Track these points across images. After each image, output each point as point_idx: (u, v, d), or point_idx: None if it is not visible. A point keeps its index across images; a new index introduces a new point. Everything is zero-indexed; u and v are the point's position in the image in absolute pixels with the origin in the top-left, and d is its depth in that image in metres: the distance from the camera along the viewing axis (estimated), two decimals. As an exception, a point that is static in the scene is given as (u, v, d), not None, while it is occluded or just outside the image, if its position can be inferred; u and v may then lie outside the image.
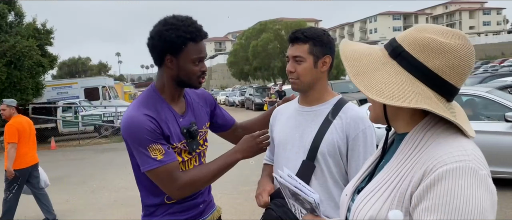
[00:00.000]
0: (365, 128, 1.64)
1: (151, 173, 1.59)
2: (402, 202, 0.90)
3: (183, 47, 1.59)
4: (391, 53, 0.98)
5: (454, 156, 0.86)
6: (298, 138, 1.72)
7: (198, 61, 1.63)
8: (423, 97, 0.91)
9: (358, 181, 1.12)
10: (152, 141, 1.57)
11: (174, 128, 1.68)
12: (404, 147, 0.98)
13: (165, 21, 1.62)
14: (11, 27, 15.79)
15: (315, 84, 1.71)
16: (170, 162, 1.58)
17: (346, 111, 1.68)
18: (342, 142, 1.64)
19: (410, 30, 0.99)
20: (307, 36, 1.66)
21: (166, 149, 1.60)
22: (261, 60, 36.07)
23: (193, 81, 1.67)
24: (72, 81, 22.96)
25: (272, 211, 1.62)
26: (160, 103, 1.68)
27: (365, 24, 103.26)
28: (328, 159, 1.65)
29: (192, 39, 1.59)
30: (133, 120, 1.58)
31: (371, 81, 0.95)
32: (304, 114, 1.75)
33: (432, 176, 0.85)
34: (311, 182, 1.66)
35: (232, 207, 5.59)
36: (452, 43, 0.92)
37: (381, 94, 0.92)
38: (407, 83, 0.93)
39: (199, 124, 1.81)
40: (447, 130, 0.95)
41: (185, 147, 1.72)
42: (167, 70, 1.66)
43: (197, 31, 1.61)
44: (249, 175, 7.33)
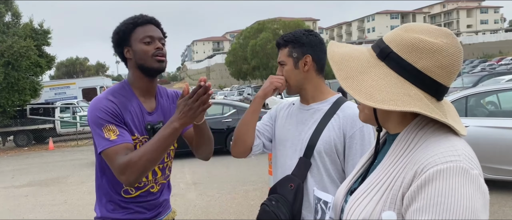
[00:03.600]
0: (362, 126, 1.65)
1: (104, 155, 1.56)
2: (394, 203, 0.90)
3: (131, 33, 1.66)
4: (379, 54, 0.98)
5: (444, 156, 0.86)
6: (297, 136, 1.74)
7: (149, 41, 1.66)
8: (413, 99, 0.91)
9: (351, 182, 1.11)
10: (108, 121, 1.58)
11: (138, 121, 1.69)
12: (395, 147, 0.98)
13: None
14: (8, 28, 15.74)
15: (303, 84, 1.75)
16: (121, 143, 1.55)
17: (344, 109, 1.70)
18: (338, 140, 1.65)
19: (398, 30, 0.98)
20: (286, 40, 1.75)
21: (121, 131, 1.59)
22: (260, 59, 36.11)
23: (150, 62, 1.65)
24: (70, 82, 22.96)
25: (266, 207, 1.65)
26: (130, 96, 1.70)
27: (363, 23, 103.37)
28: (325, 156, 1.66)
29: (137, 24, 1.67)
30: (95, 102, 1.63)
31: (360, 84, 0.94)
32: (303, 112, 1.78)
33: (423, 176, 0.85)
34: (307, 179, 1.68)
35: (230, 206, 5.59)
36: (440, 42, 0.92)
37: (371, 98, 0.91)
38: (396, 86, 0.92)
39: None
40: (438, 129, 0.95)
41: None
42: (129, 62, 1.71)
43: (141, 16, 1.70)
44: (247, 174, 7.34)
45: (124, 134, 1.59)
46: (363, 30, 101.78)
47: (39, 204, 6.60)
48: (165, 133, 1.50)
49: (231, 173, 7.66)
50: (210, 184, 6.88)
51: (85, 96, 20.67)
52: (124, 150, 1.54)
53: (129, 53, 1.69)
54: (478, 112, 5.79)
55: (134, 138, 1.66)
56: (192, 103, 1.45)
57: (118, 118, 1.61)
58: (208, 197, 6.03)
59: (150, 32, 1.67)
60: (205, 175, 7.57)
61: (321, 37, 1.81)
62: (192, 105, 1.45)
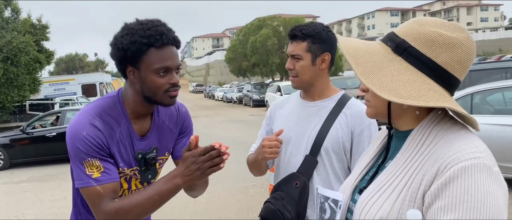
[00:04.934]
0: (370, 123, 1.64)
1: (83, 191, 1.34)
2: (414, 201, 0.87)
3: (142, 55, 1.30)
4: (395, 49, 0.95)
5: (467, 152, 0.84)
6: (301, 133, 1.70)
7: (164, 72, 1.32)
8: (439, 95, 0.89)
9: (356, 180, 1.08)
10: (90, 155, 1.32)
11: (126, 151, 1.42)
12: (410, 144, 0.95)
13: (124, 26, 1.35)
14: (7, 23, 15.71)
15: (314, 81, 1.69)
16: (106, 183, 1.32)
17: (350, 106, 1.68)
18: (346, 137, 1.63)
19: (411, 24, 0.96)
20: (305, 34, 1.64)
21: (106, 166, 1.34)
22: (260, 56, 36.04)
23: (160, 97, 1.36)
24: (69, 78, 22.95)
25: (270, 204, 1.62)
26: (120, 118, 1.40)
27: (363, 21, 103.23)
28: (332, 155, 1.64)
29: (151, 45, 1.29)
30: (76, 127, 1.33)
31: (381, 80, 0.91)
32: (308, 109, 1.73)
33: (447, 174, 0.83)
34: (313, 177, 1.65)
35: (230, 203, 5.59)
36: (458, 36, 0.91)
37: (397, 94, 0.88)
38: (418, 81, 0.90)
39: (161, 150, 1.54)
40: (453, 125, 0.93)
41: (136, 175, 1.48)
42: (130, 83, 1.39)
43: (158, 34, 1.29)
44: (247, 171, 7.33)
45: (110, 171, 1.34)
46: (363, 27, 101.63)
47: (39, 200, 6.60)
48: (165, 188, 1.29)
49: (231, 170, 7.66)
50: (210, 181, 6.85)
51: (85, 93, 20.63)
52: (110, 193, 1.32)
53: (134, 76, 1.35)
54: (483, 110, 5.75)
55: (120, 171, 1.41)
56: (202, 163, 1.26)
57: (103, 150, 1.34)
58: (208, 194, 6.03)
59: (168, 61, 1.32)
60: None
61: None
62: (201, 165, 1.26)
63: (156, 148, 1.50)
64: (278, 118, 1.83)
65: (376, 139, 1.17)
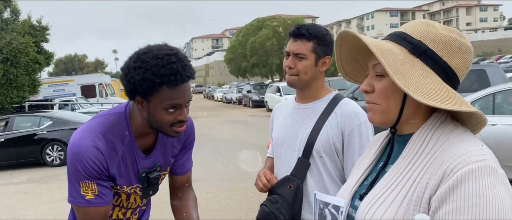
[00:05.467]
0: (360, 123, 1.63)
1: (74, 207, 1.40)
2: (419, 206, 0.85)
3: (154, 92, 1.26)
4: (413, 50, 0.92)
5: (473, 155, 0.83)
6: (294, 136, 1.71)
7: (173, 108, 1.29)
8: (461, 99, 0.90)
9: (355, 186, 1.05)
10: (88, 178, 1.33)
11: (127, 170, 1.42)
12: (411, 147, 0.94)
13: (137, 56, 1.28)
14: (7, 24, 15.69)
15: (312, 82, 1.69)
16: (97, 206, 1.35)
17: (341, 106, 1.67)
18: (337, 138, 1.63)
19: (423, 25, 0.95)
20: (312, 34, 1.63)
21: (101, 190, 1.35)
22: (259, 57, 36.07)
23: (165, 131, 1.34)
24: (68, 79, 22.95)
25: (265, 207, 1.63)
26: (125, 136, 1.39)
27: (362, 21, 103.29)
28: (324, 155, 1.64)
29: (164, 84, 1.23)
30: (78, 147, 1.33)
31: (410, 81, 0.89)
32: (300, 111, 1.74)
33: (454, 177, 0.81)
34: (307, 179, 1.65)
35: (229, 204, 5.59)
36: (467, 43, 0.93)
37: (429, 98, 0.87)
38: (439, 84, 0.90)
39: (165, 166, 1.55)
40: (455, 128, 0.93)
41: (136, 192, 1.50)
42: (138, 109, 1.36)
43: (173, 74, 1.22)
44: (246, 172, 7.33)
45: (104, 195, 1.36)
46: (362, 27, 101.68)
47: (38, 201, 6.60)
48: None
49: (230, 171, 7.66)
50: (208, 182, 6.88)
51: (84, 93, 20.64)
52: (99, 217, 1.36)
53: (142, 106, 1.32)
54: (505, 110, 5.62)
55: (118, 189, 1.44)
56: None
57: (102, 173, 1.35)
58: (207, 194, 6.03)
59: (180, 99, 1.28)
60: (203, 172, 7.56)
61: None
62: None
63: (160, 165, 1.49)
64: (277, 122, 1.85)
65: (373, 143, 1.15)
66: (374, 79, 0.96)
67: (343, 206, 0.98)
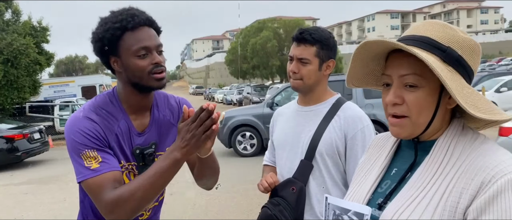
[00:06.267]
0: (363, 127, 1.63)
1: (85, 186, 1.31)
2: (454, 216, 0.82)
3: (119, 41, 1.29)
4: (446, 58, 0.88)
5: (508, 164, 0.82)
6: (296, 138, 1.71)
7: (145, 53, 1.30)
8: (495, 106, 0.89)
9: (369, 194, 1.00)
10: (87, 146, 1.30)
11: (125, 145, 1.40)
12: (436, 155, 0.91)
13: (99, 19, 1.35)
14: (7, 25, 15.73)
15: (316, 86, 1.69)
16: (105, 172, 1.28)
17: (344, 110, 1.67)
18: (340, 141, 1.63)
19: (446, 29, 0.91)
20: (315, 38, 1.62)
21: (105, 156, 1.31)
22: (260, 58, 36.10)
23: (146, 80, 1.32)
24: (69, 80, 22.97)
25: (267, 210, 1.62)
26: (117, 114, 1.39)
27: (363, 23, 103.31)
28: (326, 158, 1.64)
29: (125, 28, 1.28)
30: (71, 123, 1.33)
31: (466, 100, 0.86)
32: (303, 114, 1.74)
33: (493, 187, 0.79)
34: (309, 182, 1.65)
35: (229, 205, 5.59)
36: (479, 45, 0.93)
37: (479, 110, 0.85)
38: (475, 93, 0.88)
39: (161, 145, 1.49)
40: (475, 134, 0.92)
41: (133, 170, 1.45)
42: (118, 75, 1.38)
43: (130, 16, 1.29)
44: (246, 172, 7.33)
45: (108, 160, 1.31)
46: (363, 29, 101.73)
47: (39, 202, 6.59)
48: (164, 164, 1.23)
49: (231, 172, 7.66)
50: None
51: (85, 94, 20.65)
52: (111, 182, 1.27)
53: (118, 65, 1.34)
54: None
55: (121, 165, 1.40)
56: (195, 129, 1.20)
57: (101, 141, 1.32)
58: (208, 196, 6.03)
59: (145, 42, 1.30)
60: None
61: None
62: (195, 131, 1.20)
63: (155, 143, 1.47)
64: (278, 125, 1.85)
65: (376, 147, 1.11)
66: (402, 91, 0.91)
67: (368, 214, 0.91)
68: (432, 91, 0.89)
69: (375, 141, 1.14)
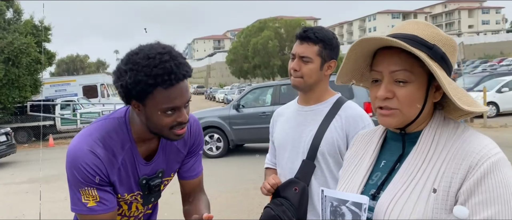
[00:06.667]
0: (364, 126, 1.63)
1: (77, 216, 1.33)
2: (446, 200, 0.89)
3: (148, 94, 1.19)
4: (433, 54, 0.95)
5: (491, 148, 0.90)
6: (297, 138, 1.70)
7: (171, 111, 1.23)
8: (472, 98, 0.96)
9: (361, 185, 1.05)
10: (87, 184, 1.28)
11: (127, 177, 1.36)
12: (423, 144, 0.97)
13: (128, 57, 1.21)
14: (9, 24, 15.74)
15: (316, 86, 1.69)
16: (100, 213, 1.29)
17: (345, 109, 1.67)
18: (342, 141, 1.63)
19: (430, 28, 0.98)
20: (318, 38, 1.62)
21: (103, 196, 1.30)
22: (261, 58, 36.14)
23: (165, 133, 1.28)
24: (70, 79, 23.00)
25: (270, 210, 1.62)
26: (125, 142, 1.33)
27: (364, 23, 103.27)
28: (328, 158, 1.63)
29: (158, 85, 1.17)
30: (75, 153, 1.27)
31: (454, 93, 0.93)
32: (303, 114, 1.73)
33: (480, 169, 0.87)
34: (312, 182, 1.65)
35: (230, 205, 5.59)
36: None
37: (464, 103, 0.92)
38: (458, 87, 0.95)
39: (168, 171, 1.49)
40: (455, 123, 0.99)
41: (137, 200, 1.44)
42: (136, 113, 1.30)
43: (167, 73, 1.15)
44: (247, 173, 7.33)
45: (106, 201, 1.31)
46: (364, 29, 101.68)
47: (40, 201, 6.60)
48: None
49: (232, 171, 7.66)
50: (210, 182, 6.87)
51: (86, 94, 20.66)
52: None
53: (138, 110, 1.26)
54: None
55: (119, 197, 1.38)
56: None
57: (102, 179, 1.30)
58: (208, 195, 5.98)
59: (177, 101, 1.21)
60: (205, 173, 7.49)
61: None
62: None
63: (163, 171, 1.43)
64: (278, 125, 1.84)
65: (362, 141, 1.16)
66: (393, 86, 0.96)
67: (366, 203, 0.94)
68: (420, 86, 0.95)
69: (359, 137, 1.20)
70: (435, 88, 0.97)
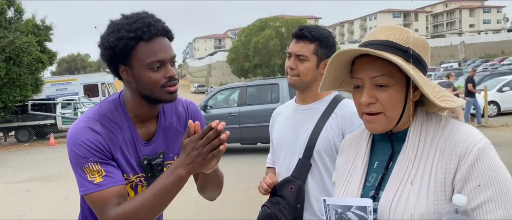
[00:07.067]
0: (360, 124, 1.62)
1: (87, 198, 1.28)
2: (444, 190, 0.93)
3: (132, 51, 1.22)
4: (408, 57, 0.99)
5: (475, 135, 0.95)
6: (294, 137, 1.71)
7: (158, 66, 1.24)
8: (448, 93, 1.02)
9: (359, 189, 1.06)
10: (90, 159, 1.25)
11: (131, 156, 1.34)
12: (412, 141, 1.01)
13: (110, 23, 1.27)
14: (10, 23, 15.76)
15: (312, 84, 1.69)
16: (109, 186, 1.24)
17: (341, 107, 1.67)
18: (338, 139, 1.63)
19: (403, 32, 1.02)
20: (314, 36, 1.63)
21: (109, 169, 1.27)
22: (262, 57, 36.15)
23: (158, 94, 1.27)
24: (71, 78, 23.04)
25: (267, 209, 1.63)
26: (122, 122, 1.33)
27: (365, 22, 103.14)
28: (324, 156, 1.64)
29: (139, 38, 1.21)
30: (73, 133, 1.27)
31: (433, 92, 0.99)
32: (300, 112, 1.74)
33: (470, 157, 0.92)
34: (308, 180, 1.65)
35: (231, 204, 5.60)
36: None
37: (444, 100, 0.98)
38: (434, 84, 1.00)
39: (169, 153, 1.44)
40: (437, 116, 1.04)
41: (142, 182, 1.40)
42: (126, 84, 1.31)
43: (145, 26, 1.21)
44: (248, 171, 7.34)
45: (112, 174, 1.27)
46: (365, 29, 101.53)
47: (41, 200, 6.62)
48: (168, 181, 1.20)
49: (232, 170, 7.67)
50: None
51: (87, 93, 20.69)
52: (115, 198, 1.24)
53: (127, 75, 1.28)
54: None
55: (125, 178, 1.34)
56: (201, 148, 1.16)
57: (104, 153, 1.27)
58: (209, 194, 6.04)
59: (160, 54, 1.24)
60: (206, 172, 7.56)
61: None
62: (201, 150, 1.16)
63: (163, 152, 1.42)
64: (277, 124, 1.85)
65: (350, 146, 1.20)
66: (374, 91, 1.01)
67: (371, 205, 0.95)
68: (400, 88, 1.00)
69: (346, 142, 1.23)
70: (413, 88, 1.01)
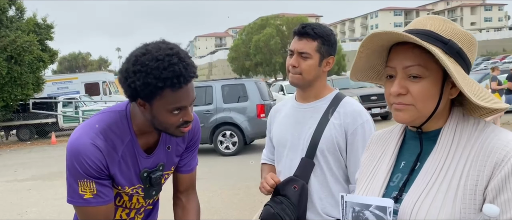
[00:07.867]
0: (363, 122, 1.63)
1: (74, 207, 1.35)
2: (474, 198, 0.86)
3: (156, 97, 1.21)
4: (448, 50, 0.92)
5: None
6: (296, 136, 1.70)
7: (178, 110, 1.25)
8: (492, 95, 0.95)
9: (382, 188, 1.01)
10: (86, 176, 1.29)
11: (128, 169, 1.37)
12: (444, 143, 0.94)
13: (136, 58, 1.20)
14: (11, 22, 15.76)
15: (315, 82, 1.68)
16: (96, 205, 1.31)
17: (343, 105, 1.66)
18: (341, 137, 1.62)
19: (446, 23, 0.95)
20: (317, 34, 1.62)
21: (100, 189, 1.31)
22: (263, 55, 36.09)
23: (171, 131, 1.31)
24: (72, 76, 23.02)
25: (270, 208, 1.62)
26: (125, 135, 1.34)
27: (366, 20, 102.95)
28: (328, 156, 1.63)
29: (167, 87, 1.18)
30: (77, 145, 1.29)
31: (470, 88, 0.91)
32: (302, 111, 1.72)
33: (508, 165, 0.84)
34: (311, 180, 1.65)
35: (232, 203, 5.60)
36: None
37: (485, 100, 0.91)
38: (476, 83, 0.93)
39: (168, 165, 1.50)
40: (474, 119, 0.96)
41: (138, 193, 1.46)
42: (141, 109, 1.30)
43: (176, 76, 1.17)
44: (248, 170, 7.34)
45: (103, 194, 1.32)
46: (366, 27, 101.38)
47: (42, 198, 6.63)
48: None
49: (233, 169, 7.67)
50: (211, 180, 6.89)
51: (88, 91, 20.70)
52: (99, 215, 1.33)
53: (144, 108, 1.27)
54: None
55: (119, 189, 1.40)
56: None
57: (102, 171, 1.31)
58: (210, 193, 6.04)
59: (184, 101, 1.23)
60: (206, 170, 7.57)
61: None
62: None
63: (163, 164, 1.45)
64: (276, 122, 1.84)
65: (378, 142, 1.13)
66: (407, 81, 0.94)
67: (391, 206, 0.91)
68: (435, 82, 0.93)
69: (375, 138, 1.16)
70: (451, 85, 0.94)
